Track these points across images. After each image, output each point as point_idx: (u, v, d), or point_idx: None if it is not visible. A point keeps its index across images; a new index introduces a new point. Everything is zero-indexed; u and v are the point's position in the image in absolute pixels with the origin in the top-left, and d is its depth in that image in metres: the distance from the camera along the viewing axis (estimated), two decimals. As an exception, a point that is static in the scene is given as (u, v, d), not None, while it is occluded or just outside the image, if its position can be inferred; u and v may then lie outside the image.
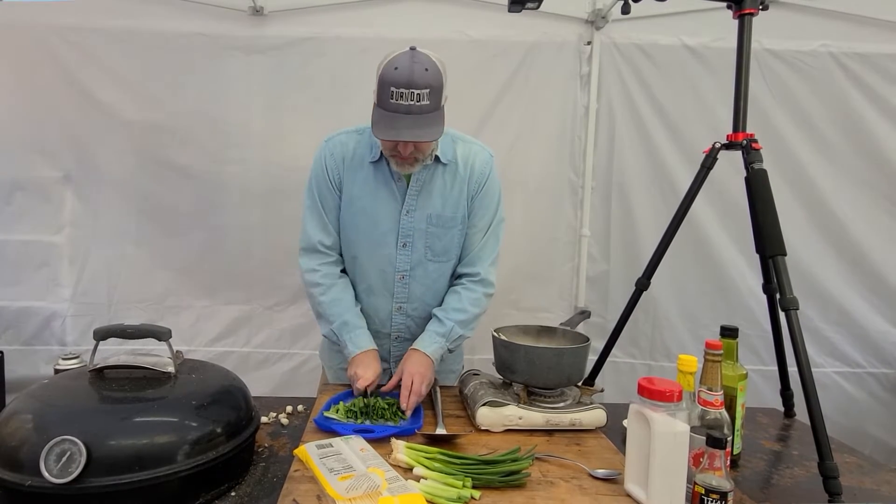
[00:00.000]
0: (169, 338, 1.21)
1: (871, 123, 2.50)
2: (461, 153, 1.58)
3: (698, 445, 1.02)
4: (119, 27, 2.51)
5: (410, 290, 1.62)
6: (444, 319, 1.58)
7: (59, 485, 0.91)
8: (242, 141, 2.62)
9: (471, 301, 1.60)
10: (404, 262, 1.59)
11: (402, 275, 1.60)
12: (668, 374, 1.13)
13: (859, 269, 2.56)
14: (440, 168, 1.56)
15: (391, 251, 1.58)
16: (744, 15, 1.50)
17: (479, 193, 1.59)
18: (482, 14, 2.52)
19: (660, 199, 2.60)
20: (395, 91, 1.31)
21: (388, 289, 1.61)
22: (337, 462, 1.13)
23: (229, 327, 2.73)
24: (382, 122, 1.35)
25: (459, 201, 1.58)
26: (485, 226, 1.62)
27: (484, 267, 1.62)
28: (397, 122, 1.33)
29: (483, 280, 1.63)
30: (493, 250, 1.64)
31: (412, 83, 1.30)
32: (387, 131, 1.35)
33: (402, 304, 1.63)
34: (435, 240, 1.58)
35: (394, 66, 1.32)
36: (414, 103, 1.31)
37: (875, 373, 2.60)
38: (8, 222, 2.58)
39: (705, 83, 2.53)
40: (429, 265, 1.60)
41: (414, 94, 1.30)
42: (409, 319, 1.65)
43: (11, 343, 2.61)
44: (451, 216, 1.57)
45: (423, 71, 1.31)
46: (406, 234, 1.57)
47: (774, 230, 1.39)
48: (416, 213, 1.55)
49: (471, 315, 1.60)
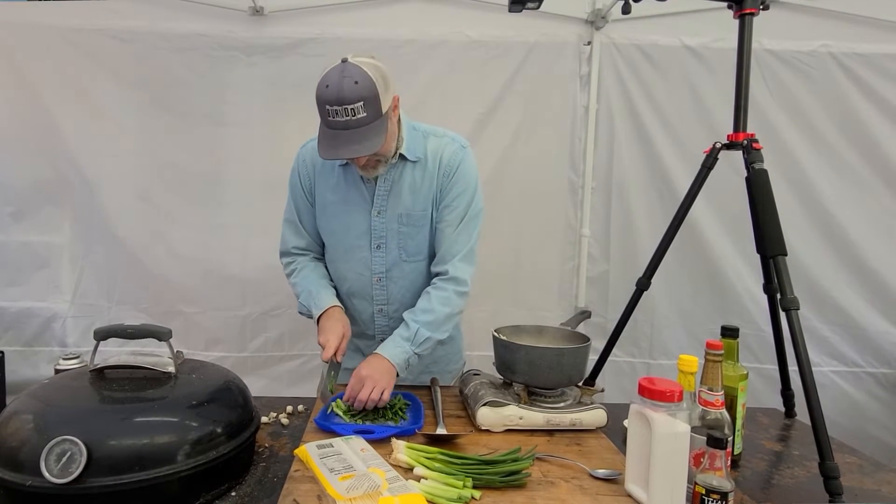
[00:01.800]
0: (169, 338, 1.21)
1: (872, 123, 2.50)
2: (431, 148, 1.54)
3: (699, 445, 1.02)
4: (119, 27, 2.52)
5: (389, 291, 1.61)
6: (411, 322, 1.51)
7: (59, 485, 0.91)
8: (242, 142, 2.62)
9: (440, 300, 1.52)
10: (380, 263, 1.58)
11: (379, 277, 1.59)
12: (668, 373, 1.13)
13: (859, 268, 2.56)
14: (409, 165, 1.53)
15: (366, 254, 1.58)
16: (744, 15, 1.50)
17: (449, 185, 1.54)
18: (482, 14, 2.52)
19: (660, 199, 2.60)
20: (329, 109, 1.30)
21: (367, 291, 1.61)
22: (337, 462, 1.13)
23: (228, 330, 2.73)
24: (325, 142, 1.35)
25: (429, 197, 1.54)
26: (455, 219, 1.54)
27: (453, 264, 1.54)
28: (336, 139, 1.32)
29: (453, 278, 1.54)
30: (464, 245, 1.55)
31: (342, 99, 1.28)
32: (327, 151, 1.35)
33: (382, 307, 1.63)
34: (407, 240, 1.56)
35: (325, 84, 1.30)
36: (350, 118, 1.29)
37: (874, 372, 2.59)
38: (8, 223, 2.58)
39: (705, 84, 2.52)
40: (404, 266, 1.59)
41: (347, 110, 1.28)
42: (391, 321, 1.64)
43: (12, 344, 2.60)
44: (420, 214, 1.54)
45: (353, 84, 1.28)
46: (379, 236, 1.56)
47: (775, 230, 1.39)
48: (387, 213, 1.54)
49: (440, 315, 1.51)
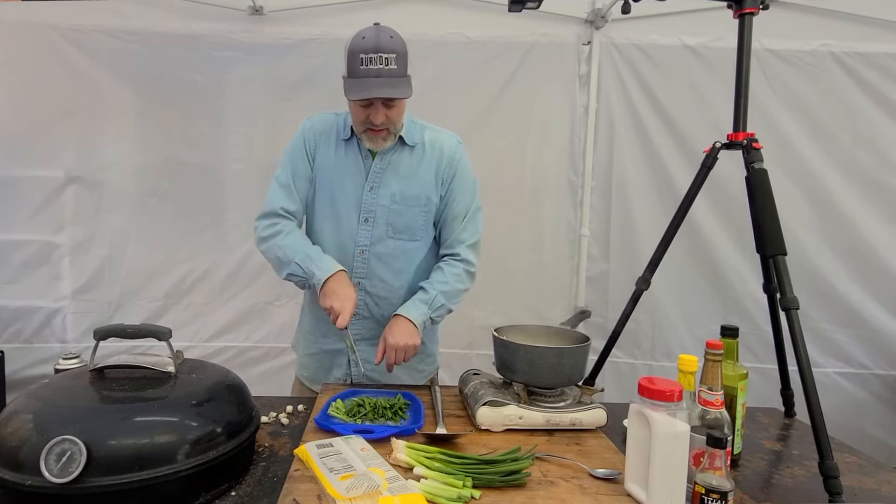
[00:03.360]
0: (169, 338, 1.21)
1: (875, 122, 2.50)
2: (429, 138, 1.64)
3: (698, 445, 1.02)
4: (120, 27, 2.52)
5: (370, 266, 1.64)
6: (429, 288, 1.61)
7: (59, 484, 0.91)
8: (242, 139, 2.63)
9: (453, 276, 1.64)
10: (364, 237, 1.62)
11: (362, 249, 1.62)
12: (670, 374, 1.13)
13: (866, 268, 2.55)
14: (406, 149, 1.62)
15: (353, 226, 1.62)
16: (744, 14, 1.50)
17: (454, 180, 1.64)
18: (481, 15, 2.52)
19: (660, 198, 2.61)
20: (363, 57, 1.40)
21: (347, 264, 1.62)
22: (337, 462, 1.13)
23: (229, 323, 2.74)
24: (355, 88, 1.43)
25: (425, 182, 1.62)
26: (462, 212, 1.65)
27: (463, 248, 1.66)
28: (368, 83, 1.42)
29: (464, 259, 1.66)
30: (472, 235, 1.68)
31: (380, 48, 1.40)
32: (360, 92, 1.43)
33: (360, 280, 1.64)
34: (396, 217, 1.61)
35: (361, 37, 1.43)
36: (383, 67, 1.40)
37: (883, 375, 2.58)
38: (9, 221, 2.59)
39: (705, 83, 2.53)
40: (389, 242, 1.63)
41: (382, 58, 1.40)
42: (368, 297, 1.66)
43: (12, 341, 2.62)
44: (414, 195, 1.61)
45: (389, 38, 1.43)
46: (368, 210, 1.60)
47: (775, 230, 1.38)
48: (380, 190, 1.60)
49: (453, 288, 1.63)
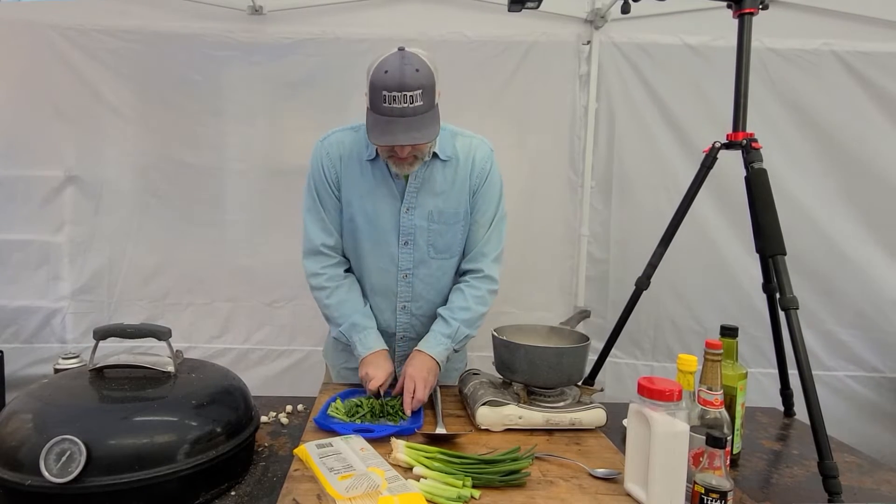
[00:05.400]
0: (169, 337, 1.21)
1: (877, 120, 2.48)
2: (461, 147, 1.56)
3: (698, 445, 1.02)
4: (120, 26, 2.52)
5: (414, 288, 1.60)
6: (450, 320, 1.56)
7: (58, 484, 0.91)
8: (242, 139, 2.63)
9: (475, 299, 1.58)
10: (407, 260, 1.57)
11: (406, 273, 1.59)
12: (670, 374, 1.13)
13: (874, 269, 2.52)
14: (439, 164, 1.53)
15: (393, 250, 1.56)
16: (744, 14, 1.50)
17: (482, 188, 1.57)
18: (481, 14, 2.52)
19: (660, 198, 2.59)
20: (387, 95, 1.29)
21: (391, 288, 1.60)
22: (337, 461, 1.13)
23: (229, 324, 2.74)
24: (377, 128, 1.33)
25: (461, 197, 1.56)
26: (487, 221, 1.60)
27: (487, 263, 1.60)
28: (392, 125, 1.31)
29: (487, 277, 1.60)
30: (496, 246, 1.62)
31: (404, 86, 1.28)
32: (382, 136, 1.33)
33: (406, 304, 1.62)
34: (437, 237, 1.56)
35: (384, 70, 1.29)
36: (408, 105, 1.29)
37: (894, 378, 2.55)
38: (8, 220, 2.59)
39: (708, 82, 2.51)
40: (432, 263, 1.59)
41: (407, 97, 1.28)
42: (413, 318, 1.64)
43: (11, 341, 2.62)
44: (453, 212, 1.55)
45: (414, 72, 1.29)
46: (407, 233, 1.55)
47: (774, 229, 1.38)
48: (417, 210, 1.54)
49: (476, 314, 1.59)
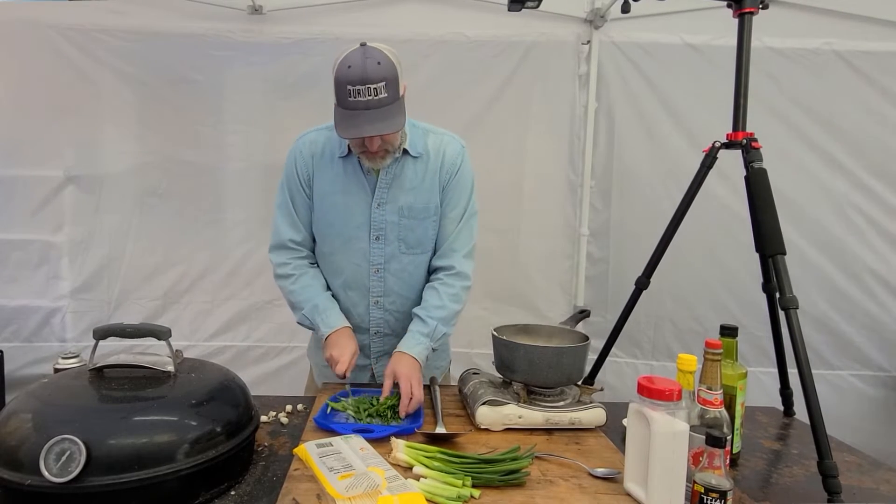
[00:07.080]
0: (168, 337, 1.21)
1: (880, 119, 2.48)
2: (432, 144, 1.58)
3: (698, 444, 1.02)
4: (119, 26, 2.52)
5: (386, 283, 1.62)
6: (427, 319, 1.56)
7: (58, 484, 0.91)
8: (242, 139, 2.63)
9: (450, 297, 1.59)
10: (378, 255, 1.59)
11: (377, 268, 1.60)
12: (670, 374, 1.13)
13: (879, 268, 2.52)
14: (410, 161, 1.56)
15: (364, 245, 1.58)
16: (744, 14, 1.50)
17: (451, 181, 1.58)
18: (480, 14, 2.52)
19: (660, 197, 2.60)
20: (351, 89, 1.31)
21: (363, 283, 1.61)
22: (336, 461, 1.13)
23: (229, 322, 2.74)
24: (344, 122, 1.36)
25: (432, 192, 1.58)
26: (458, 215, 1.60)
27: (458, 259, 1.60)
28: (358, 118, 1.34)
29: (459, 273, 1.61)
30: (467, 242, 1.62)
31: (367, 79, 1.31)
32: (349, 130, 1.36)
33: (378, 298, 1.63)
34: (408, 232, 1.58)
35: (347, 65, 1.33)
36: (372, 98, 1.32)
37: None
38: (8, 220, 2.59)
39: (706, 81, 2.51)
40: (403, 258, 1.60)
41: (370, 90, 1.31)
42: (387, 314, 1.65)
43: (11, 340, 2.62)
44: (423, 207, 1.57)
45: (376, 65, 1.32)
46: (378, 228, 1.57)
47: (774, 229, 1.39)
48: (388, 205, 1.56)
49: (451, 311, 1.59)
